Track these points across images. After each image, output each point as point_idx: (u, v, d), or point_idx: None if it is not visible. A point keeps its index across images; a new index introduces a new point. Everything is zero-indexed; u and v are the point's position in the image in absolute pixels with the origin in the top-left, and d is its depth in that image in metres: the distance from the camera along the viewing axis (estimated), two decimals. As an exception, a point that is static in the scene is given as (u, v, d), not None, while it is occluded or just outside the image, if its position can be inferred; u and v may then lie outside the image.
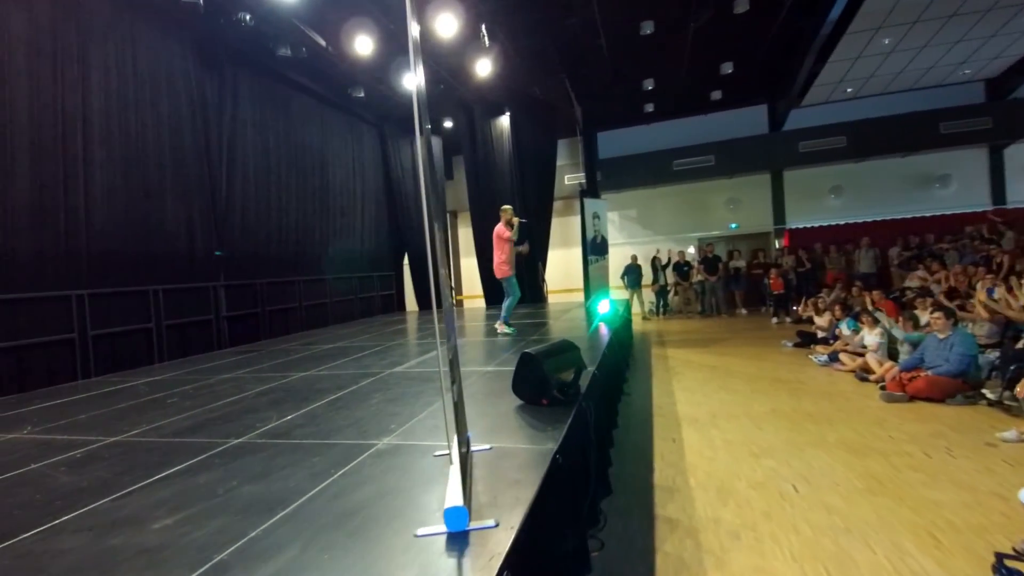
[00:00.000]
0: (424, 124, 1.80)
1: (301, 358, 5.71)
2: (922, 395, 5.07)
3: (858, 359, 6.44)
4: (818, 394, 5.61)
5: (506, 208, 6.52)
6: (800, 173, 13.54)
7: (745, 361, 7.48)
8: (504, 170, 11.08)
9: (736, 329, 10.64)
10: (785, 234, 13.76)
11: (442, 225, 8.65)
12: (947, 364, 4.99)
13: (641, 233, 14.95)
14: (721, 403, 5.48)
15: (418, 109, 1.82)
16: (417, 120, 1.80)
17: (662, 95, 12.51)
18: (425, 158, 1.72)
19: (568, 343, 3.33)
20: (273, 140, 8.30)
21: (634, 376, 7.00)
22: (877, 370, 5.90)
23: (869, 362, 6.08)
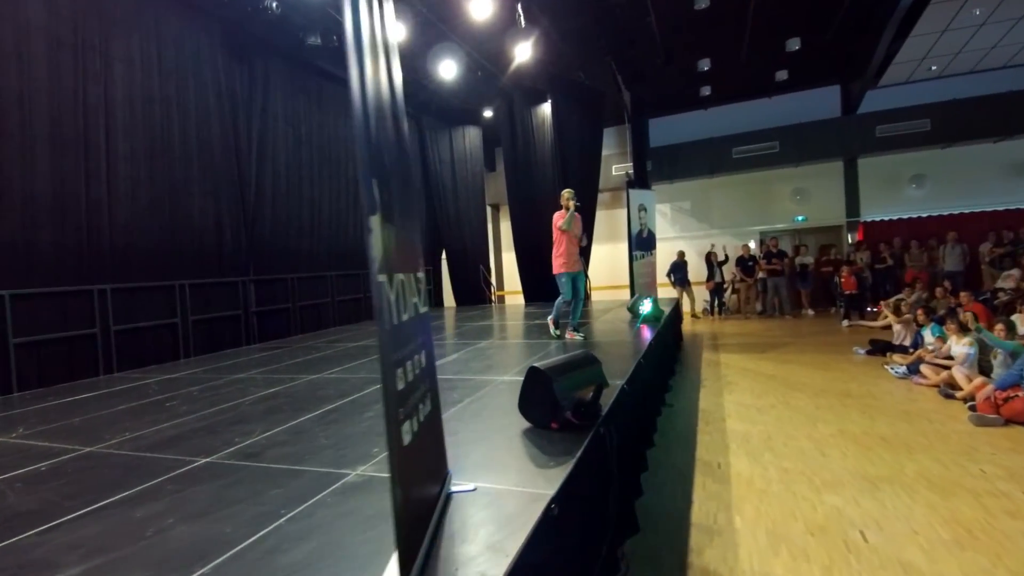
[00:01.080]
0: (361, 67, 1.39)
1: (320, 358, 5.52)
2: (1020, 419, 4.26)
3: (943, 372, 5.59)
4: (894, 413, 4.87)
5: (565, 192, 5.66)
6: (877, 160, 12.32)
7: (809, 370, 6.72)
8: (545, 160, 10.62)
9: (801, 332, 9.74)
10: (859, 227, 12.58)
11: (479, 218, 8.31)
12: (1062, 384, 4.16)
13: (695, 226, 14.10)
14: (779, 421, 4.84)
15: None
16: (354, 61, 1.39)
17: (720, 77, 11.64)
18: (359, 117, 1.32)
19: (587, 356, 2.88)
20: (305, 132, 8.20)
21: (680, 385, 6.41)
22: (965, 387, 5.07)
23: (956, 376, 5.24)
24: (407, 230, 1.74)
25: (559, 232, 5.54)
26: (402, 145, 1.82)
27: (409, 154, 1.91)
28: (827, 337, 9.04)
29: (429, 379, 1.82)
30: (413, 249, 1.78)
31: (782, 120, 12.45)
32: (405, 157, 1.83)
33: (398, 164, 1.72)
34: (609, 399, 3.03)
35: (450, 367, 4.47)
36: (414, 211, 1.90)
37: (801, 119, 12.34)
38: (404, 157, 1.82)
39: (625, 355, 4.57)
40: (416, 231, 1.89)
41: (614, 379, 3.52)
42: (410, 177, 1.89)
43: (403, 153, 1.82)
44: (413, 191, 1.91)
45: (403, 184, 1.79)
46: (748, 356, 7.86)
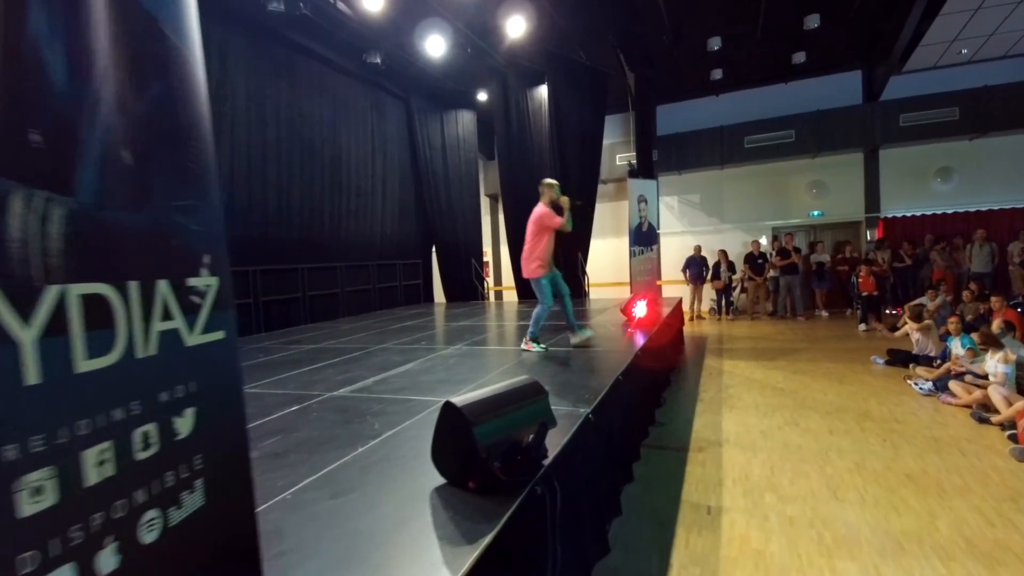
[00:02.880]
0: None
1: (262, 364, 4.90)
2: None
3: (975, 390, 4.85)
4: (922, 442, 4.14)
5: (551, 183, 4.82)
6: (900, 152, 11.43)
7: (823, 383, 5.99)
8: (542, 147, 9.90)
9: (815, 337, 8.97)
10: (879, 224, 11.72)
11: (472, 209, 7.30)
12: None
13: (704, 221, 13.30)
14: (786, 449, 4.14)
15: None
16: None
17: (732, 59, 10.81)
18: None
19: (530, 386, 2.20)
20: (271, 111, 7.55)
21: (674, 398, 5.71)
22: (1003, 410, 4.33)
23: (992, 397, 4.49)
24: (159, 210, 1.07)
25: (544, 229, 4.71)
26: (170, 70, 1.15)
27: (193, 94, 1.23)
28: (843, 343, 8.27)
29: (206, 452, 1.16)
30: (165, 241, 1.11)
31: (799, 107, 11.59)
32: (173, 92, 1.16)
33: (140, 104, 1.04)
34: (563, 437, 2.36)
35: (392, 382, 3.81)
36: (203, 180, 1.23)
37: (819, 106, 11.48)
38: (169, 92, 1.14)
39: (604, 368, 3.89)
40: (201, 214, 1.21)
41: (579, 405, 2.85)
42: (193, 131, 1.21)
43: (169, 87, 1.15)
44: (196, 148, 1.23)
45: (166, 139, 1.12)
46: (755, 364, 7.13)
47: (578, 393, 3.17)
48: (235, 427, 1.27)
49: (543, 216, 4.71)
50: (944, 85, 10.64)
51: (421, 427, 2.67)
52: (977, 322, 6.62)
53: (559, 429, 2.32)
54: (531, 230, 4.77)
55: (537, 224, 4.74)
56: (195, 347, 1.16)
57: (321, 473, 2.16)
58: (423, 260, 11.40)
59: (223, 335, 1.25)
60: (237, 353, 1.31)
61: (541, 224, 4.72)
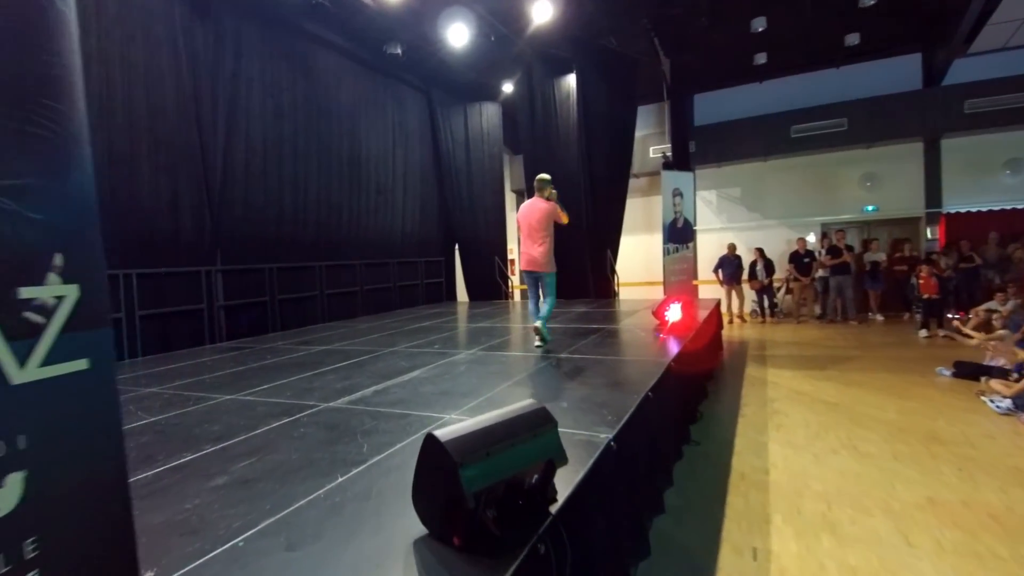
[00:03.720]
0: None
1: (267, 367, 4.67)
2: None
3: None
4: (1003, 472, 3.59)
5: (547, 178, 5.05)
6: (964, 142, 10.56)
7: (882, 397, 5.42)
8: (568, 139, 9.47)
9: (869, 343, 8.29)
10: (941, 220, 10.86)
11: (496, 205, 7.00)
12: None
13: (745, 216, 12.63)
14: (842, 477, 3.65)
15: None
16: None
17: (778, 41, 10.14)
18: None
19: (535, 414, 1.83)
20: (288, 103, 7.37)
21: (712, 412, 5.24)
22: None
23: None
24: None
25: (550, 225, 4.93)
26: None
27: None
28: (901, 351, 7.60)
29: (43, 534, 0.84)
30: None
31: (852, 93, 10.83)
32: None
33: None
34: (578, 473, 1.99)
35: (392, 393, 3.49)
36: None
37: (874, 92, 10.69)
38: None
39: (631, 381, 3.48)
40: None
41: (599, 429, 2.47)
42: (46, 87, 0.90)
43: None
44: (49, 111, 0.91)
45: None
46: (803, 374, 6.57)
47: (598, 413, 2.78)
48: (103, 492, 0.94)
49: (553, 211, 4.91)
50: (1015, 68, 9.73)
51: (411, 452, 2.32)
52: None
53: (573, 462, 1.95)
54: (543, 225, 4.89)
55: (549, 219, 4.91)
56: (28, 385, 0.84)
57: (285, 512, 1.84)
58: (445, 258, 11.14)
59: (86, 364, 0.92)
60: (110, 388, 0.98)
61: (551, 219, 4.92)
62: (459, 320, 7.59)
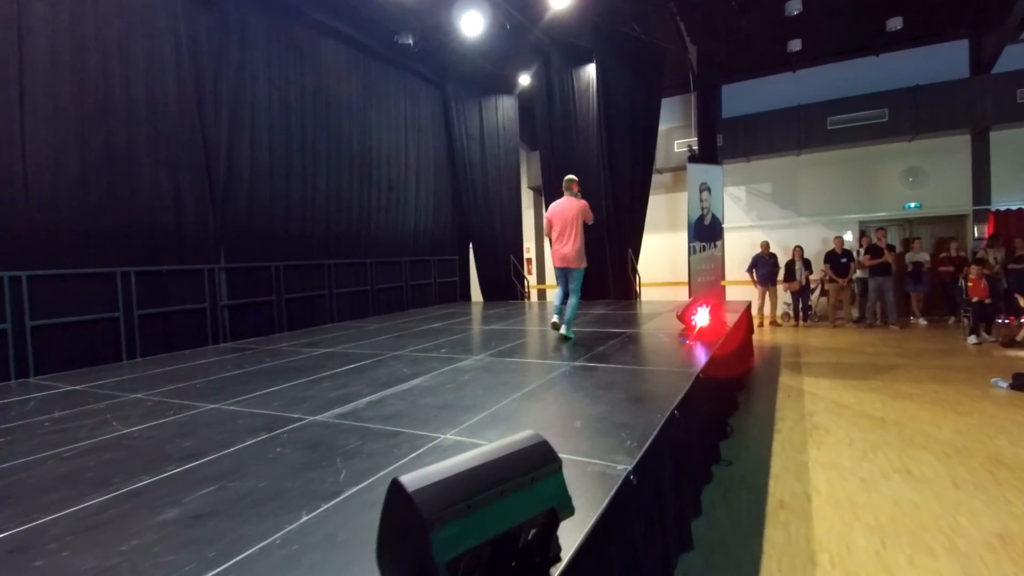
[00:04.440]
0: None
1: (263, 371, 4.41)
2: None
3: None
4: (1096, 506, 3.12)
5: (574, 178, 5.34)
6: (1016, 133, 9.88)
7: (934, 412, 4.92)
8: (588, 132, 9.09)
9: (913, 350, 7.73)
10: (989, 217, 10.18)
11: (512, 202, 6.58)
12: None
13: (777, 214, 12.08)
14: (897, 506, 3.22)
15: None
16: None
17: (814, 26, 9.59)
18: None
19: (534, 450, 1.48)
20: (296, 97, 7.14)
21: (744, 426, 4.83)
22: None
23: None
24: None
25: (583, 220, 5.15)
26: None
27: None
28: (951, 359, 7.03)
29: None
30: None
31: (894, 82, 10.21)
32: None
33: None
34: (588, 519, 1.64)
35: (388, 404, 3.18)
36: None
37: (918, 81, 10.05)
38: None
39: (654, 396, 3.11)
40: None
41: (617, 457, 2.12)
42: None
43: None
44: None
45: None
46: (843, 383, 6.09)
47: (617, 436, 2.42)
48: None
49: (585, 210, 5.12)
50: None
51: (396, 484, 2.00)
52: None
53: (583, 503, 1.61)
54: (578, 223, 5.09)
55: (582, 216, 5.11)
56: None
57: (229, 564, 1.53)
58: (459, 256, 10.83)
59: None
60: None
61: (582, 217, 5.11)
62: (472, 322, 7.27)
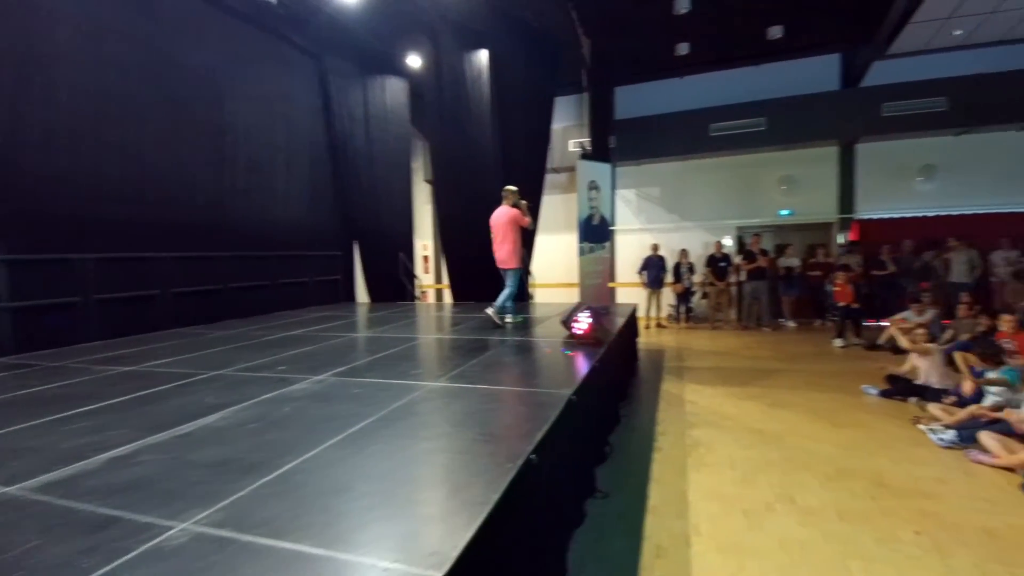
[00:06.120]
0: None
1: (16, 400, 3.20)
2: None
3: (1018, 447, 3.64)
4: (974, 538, 2.84)
5: (513, 189, 5.87)
6: (880, 146, 10.46)
7: (813, 424, 4.71)
8: (482, 121, 8.35)
9: (788, 353, 7.80)
10: (852, 226, 10.74)
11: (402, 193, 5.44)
12: None
13: (664, 217, 12.07)
14: (784, 551, 2.77)
15: None
16: None
17: (701, 30, 9.52)
18: None
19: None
20: (117, 52, 5.72)
21: (626, 444, 4.31)
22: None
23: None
24: None
25: (515, 228, 5.69)
26: None
27: None
28: (823, 363, 7.10)
29: None
30: None
31: (772, 93, 10.42)
32: None
33: None
34: None
35: (136, 463, 2.21)
36: None
37: (793, 91, 10.34)
38: None
39: (520, 427, 2.41)
40: None
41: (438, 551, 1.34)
42: None
43: None
44: None
45: None
46: (724, 390, 5.83)
47: (448, 504, 1.68)
48: None
49: (516, 216, 5.66)
50: (933, 71, 9.60)
51: None
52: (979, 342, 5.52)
53: None
54: (509, 229, 5.66)
55: (512, 223, 5.65)
56: None
57: None
58: (343, 252, 9.67)
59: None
60: None
61: (515, 223, 5.67)
62: (344, 328, 6.27)
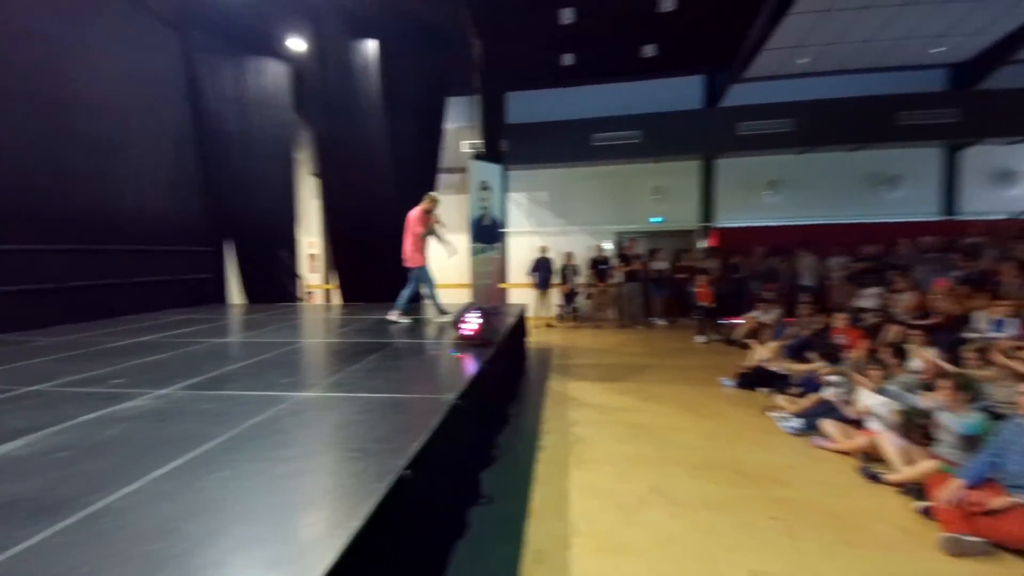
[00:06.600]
0: None
1: None
2: (1011, 543, 2.65)
3: (855, 434, 4.01)
4: (821, 521, 3.04)
5: (436, 197, 5.92)
6: (737, 162, 11.46)
7: (680, 415, 4.94)
8: (370, 115, 7.85)
9: (659, 350, 8.23)
10: (711, 233, 11.68)
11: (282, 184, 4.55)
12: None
13: (553, 221, 12.31)
14: (656, 542, 2.79)
15: None
16: None
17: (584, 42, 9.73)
18: None
19: None
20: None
21: (512, 445, 4.19)
22: (896, 462, 3.47)
23: (885, 449, 3.62)
24: None
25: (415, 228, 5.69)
26: None
27: None
28: (688, 358, 7.56)
29: None
30: None
31: (647, 108, 10.99)
32: None
33: None
34: None
35: None
36: None
37: (664, 108, 10.99)
38: None
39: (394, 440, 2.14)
40: None
41: None
42: None
43: None
44: None
45: None
46: (604, 386, 5.96)
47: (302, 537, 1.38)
48: None
49: (417, 215, 5.70)
50: (782, 95, 10.59)
51: None
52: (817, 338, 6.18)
53: None
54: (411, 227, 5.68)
55: (414, 221, 5.69)
56: None
57: None
58: (213, 248, 8.60)
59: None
60: None
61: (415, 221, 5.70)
62: (207, 332, 5.51)
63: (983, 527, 2.68)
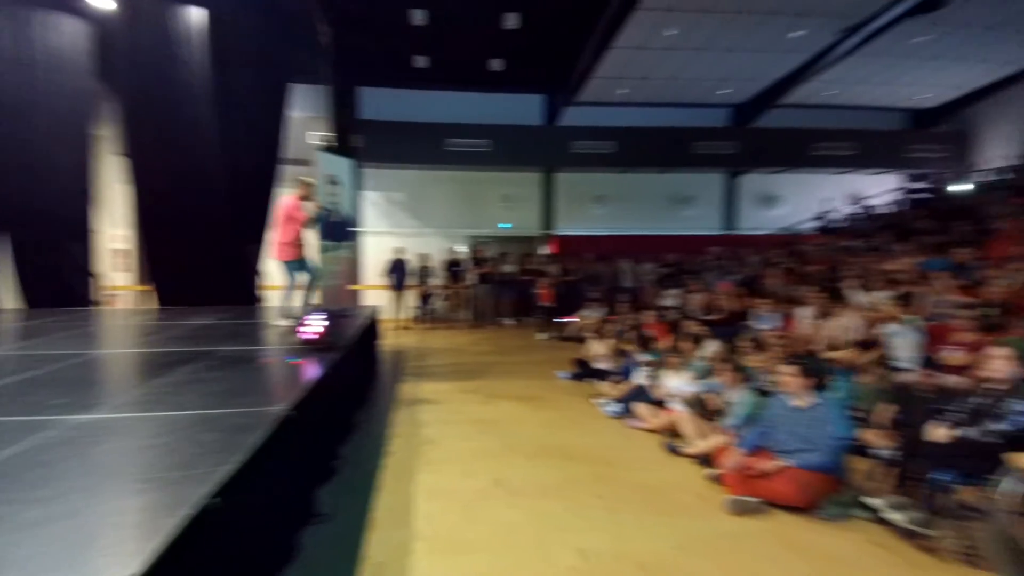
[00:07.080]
0: None
1: None
2: (781, 500, 3.14)
3: (660, 412, 4.47)
4: (633, 493, 3.27)
5: (313, 183, 5.35)
6: (571, 176, 12.31)
7: (521, 408, 5.07)
8: (193, 91, 6.74)
9: (505, 347, 8.44)
10: (551, 240, 12.38)
11: (75, 163, 3.47)
12: (817, 451, 3.14)
13: (409, 222, 12.00)
14: (497, 536, 2.76)
15: None
16: None
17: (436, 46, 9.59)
18: None
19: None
20: None
21: (355, 456, 3.88)
22: (694, 438, 3.93)
23: (682, 426, 4.08)
24: None
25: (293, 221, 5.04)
26: None
27: None
28: (531, 354, 7.86)
29: None
30: None
31: (500, 119, 11.27)
32: None
33: None
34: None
35: None
36: None
37: (511, 121, 11.38)
38: None
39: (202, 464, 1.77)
40: None
41: None
42: None
43: None
44: None
45: None
46: (454, 386, 5.89)
47: None
48: None
49: (290, 209, 5.02)
50: (607, 120, 11.60)
51: None
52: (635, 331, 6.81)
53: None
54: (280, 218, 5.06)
55: (285, 216, 5.02)
56: None
57: None
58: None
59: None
60: None
61: (288, 216, 5.01)
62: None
63: (759, 488, 3.13)
